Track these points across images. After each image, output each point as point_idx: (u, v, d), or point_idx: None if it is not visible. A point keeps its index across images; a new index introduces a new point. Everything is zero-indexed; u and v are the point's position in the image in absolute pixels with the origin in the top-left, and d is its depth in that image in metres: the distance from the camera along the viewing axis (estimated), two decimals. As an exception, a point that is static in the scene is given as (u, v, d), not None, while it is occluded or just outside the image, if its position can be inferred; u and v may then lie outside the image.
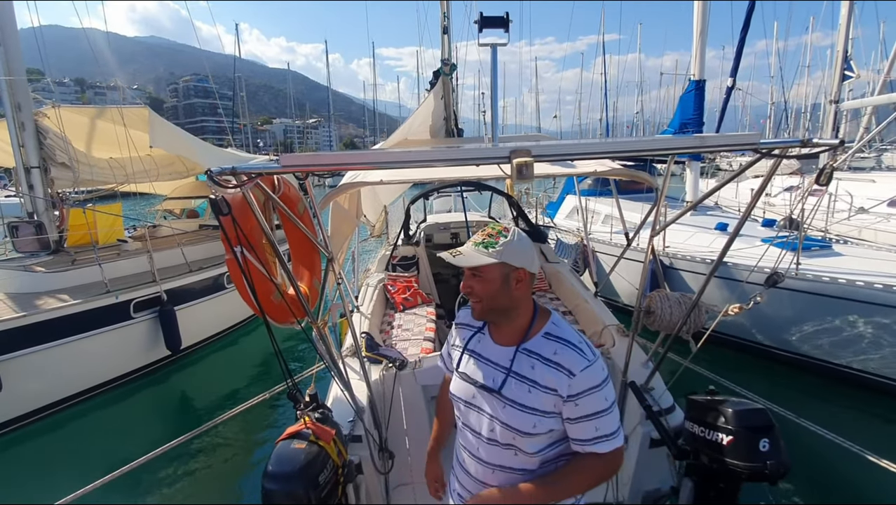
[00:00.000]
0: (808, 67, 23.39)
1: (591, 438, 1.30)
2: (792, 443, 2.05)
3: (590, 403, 1.29)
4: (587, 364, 1.31)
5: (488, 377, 1.41)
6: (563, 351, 1.34)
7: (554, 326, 1.40)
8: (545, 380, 1.32)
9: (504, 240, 1.37)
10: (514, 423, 1.33)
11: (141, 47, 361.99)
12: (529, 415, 1.32)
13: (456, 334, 1.61)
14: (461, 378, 1.49)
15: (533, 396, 1.33)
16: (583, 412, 1.30)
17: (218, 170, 1.43)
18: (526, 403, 1.33)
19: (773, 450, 1.85)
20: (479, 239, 1.40)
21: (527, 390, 1.34)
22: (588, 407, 1.30)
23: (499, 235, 1.39)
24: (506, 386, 1.36)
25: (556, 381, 1.31)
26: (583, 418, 1.30)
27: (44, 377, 5.15)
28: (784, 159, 1.66)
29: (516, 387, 1.35)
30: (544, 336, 1.38)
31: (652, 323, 2.64)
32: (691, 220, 7.08)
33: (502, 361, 1.40)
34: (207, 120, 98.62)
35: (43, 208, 6.65)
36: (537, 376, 1.34)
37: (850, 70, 8.34)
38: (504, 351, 1.42)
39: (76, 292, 5.69)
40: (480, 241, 1.39)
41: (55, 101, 7.13)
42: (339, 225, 3.22)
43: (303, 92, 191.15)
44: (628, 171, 3.36)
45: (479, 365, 1.45)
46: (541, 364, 1.34)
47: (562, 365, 1.31)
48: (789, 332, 5.37)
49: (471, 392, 1.45)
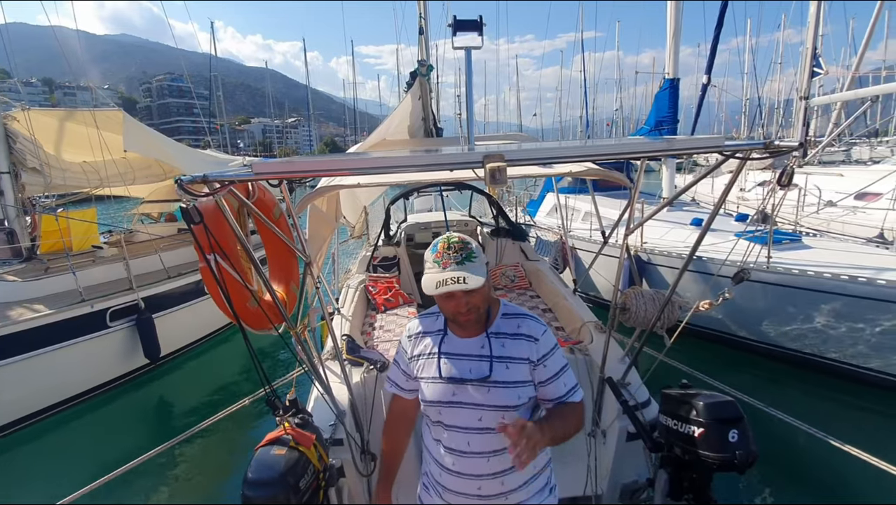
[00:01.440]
0: (780, 64, 24.06)
1: (564, 394, 1.49)
2: (761, 431, 2.12)
3: (554, 362, 1.49)
4: (544, 329, 1.52)
5: (468, 370, 1.48)
6: (525, 322, 1.52)
7: (507, 306, 1.58)
8: (517, 352, 1.48)
9: (473, 247, 1.44)
10: (501, 401, 1.44)
11: (112, 46, 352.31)
12: (513, 389, 1.45)
13: (415, 345, 1.60)
14: (437, 382, 1.51)
15: (511, 371, 1.46)
16: (551, 372, 1.48)
17: (189, 178, 1.41)
18: (508, 379, 1.46)
19: (741, 440, 1.91)
20: (458, 257, 1.39)
21: (505, 367, 1.46)
22: (554, 366, 1.49)
23: (466, 245, 1.43)
24: (494, 371, 1.46)
25: (526, 350, 1.48)
26: (553, 378, 1.49)
27: (17, 390, 5.01)
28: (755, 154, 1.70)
29: (497, 368, 1.46)
30: (503, 317, 1.54)
31: (627, 319, 2.70)
32: (668, 215, 7.23)
33: (475, 350, 1.49)
34: (183, 120, 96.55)
35: (14, 215, 6.47)
36: (510, 351, 1.48)
37: (819, 67, 8.59)
38: (473, 342, 1.50)
39: (50, 302, 5.55)
40: (462, 259, 1.39)
41: (24, 103, 6.92)
42: (317, 228, 3.21)
43: (281, 91, 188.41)
44: (603, 171, 3.42)
45: (455, 363, 1.50)
46: (510, 340, 1.49)
47: (528, 335, 1.49)
48: (762, 323, 5.54)
49: (450, 391, 1.48)
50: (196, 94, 36.55)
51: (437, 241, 1.47)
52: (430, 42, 6.71)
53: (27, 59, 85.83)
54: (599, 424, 2.76)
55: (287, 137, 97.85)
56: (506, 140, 3.95)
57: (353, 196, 5.16)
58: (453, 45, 2.37)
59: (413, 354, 1.59)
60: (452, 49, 2.12)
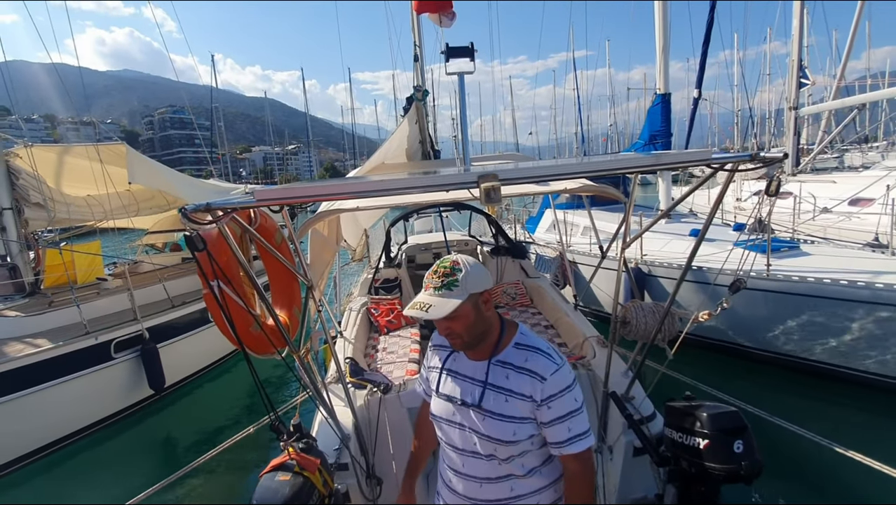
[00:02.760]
0: (768, 76, 24.48)
1: (566, 440, 1.38)
2: (767, 441, 2.12)
3: (561, 405, 1.38)
4: (556, 368, 1.40)
5: (466, 393, 1.47)
6: (534, 358, 1.42)
7: (522, 336, 1.49)
8: (519, 387, 1.40)
9: (462, 274, 1.39)
10: (494, 433, 1.39)
11: (113, 81, 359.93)
12: (508, 423, 1.39)
13: (432, 356, 1.64)
14: (441, 398, 1.53)
15: (510, 405, 1.40)
16: (555, 414, 1.38)
17: (192, 207, 1.47)
18: (504, 413, 1.39)
19: (746, 451, 1.90)
20: (438, 283, 1.38)
21: (504, 400, 1.40)
22: (560, 409, 1.38)
23: (454, 272, 1.39)
24: (484, 399, 1.42)
25: (529, 387, 1.39)
26: (556, 421, 1.38)
27: (20, 425, 4.98)
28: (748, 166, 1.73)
29: (494, 398, 1.42)
30: (515, 346, 1.46)
31: (628, 333, 2.71)
32: (667, 227, 7.27)
33: (477, 375, 1.46)
34: (185, 151, 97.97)
35: (17, 250, 6.54)
36: (512, 385, 1.41)
37: (805, 78, 8.78)
38: (478, 365, 1.48)
39: (54, 335, 5.56)
40: (440, 286, 1.37)
41: (26, 139, 7.06)
42: (319, 252, 3.25)
43: (281, 119, 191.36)
44: (598, 187, 3.47)
45: (456, 382, 1.50)
46: (514, 373, 1.42)
47: (533, 371, 1.40)
48: (764, 331, 5.53)
49: (450, 410, 1.49)
50: (198, 125, 37.13)
51: (441, 260, 1.47)
52: (426, 66, 6.88)
53: (29, 96, 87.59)
54: (605, 440, 2.74)
55: (288, 164, 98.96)
56: (501, 160, 4.03)
57: (354, 219, 5.22)
58: (447, 71, 2.46)
59: (429, 365, 1.64)
60: (446, 74, 2.20)
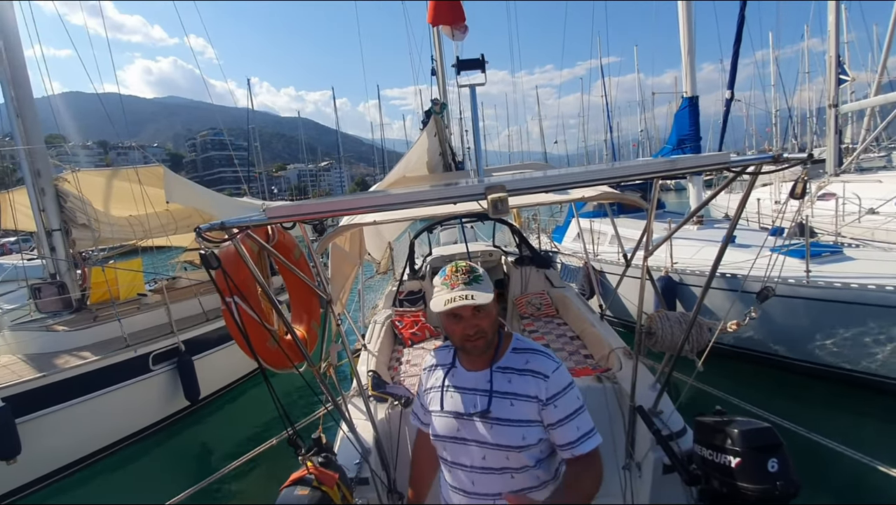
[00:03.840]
0: (807, 74, 23.42)
1: (576, 439, 1.38)
2: (805, 459, 1.98)
3: (566, 403, 1.40)
4: (556, 365, 1.44)
5: (471, 404, 1.45)
6: (534, 358, 1.45)
7: (519, 341, 1.52)
8: (524, 389, 1.41)
9: (481, 271, 1.45)
10: (504, 440, 1.39)
11: (159, 107, 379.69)
12: (516, 428, 1.39)
13: (428, 378, 1.62)
14: (443, 416, 1.50)
15: (516, 409, 1.40)
16: (562, 413, 1.39)
17: (207, 226, 1.52)
18: (511, 417, 1.39)
19: (781, 469, 1.79)
20: (466, 279, 1.41)
21: (509, 404, 1.41)
22: (566, 407, 1.39)
23: (474, 270, 1.44)
24: (492, 405, 1.41)
25: (533, 387, 1.40)
26: (564, 420, 1.39)
27: (65, 436, 5.22)
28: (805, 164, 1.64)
29: (500, 404, 1.41)
30: (513, 351, 1.49)
31: (654, 344, 2.61)
32: (699, 234, 7.01)
33: (480, 384, 1.46)
34: (224, 171, 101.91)
35: (65, 269, 6.92)
36: (516, 388, 1.42)
37: (844, 74, 8.38)
38: (479, 375, 1.48)
39: (97, 348, 5.84)
40: (469, 280, 1.41)
41: (72, 165, 7.50)
42: (340, 266, 3.29)
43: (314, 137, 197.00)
44: (618, 195, 3.39)
45: (459, 396, 1.49)
46: (516, 376, 1.44)
47: (535, 371, 1.42)
48: (804, 341, 5.23)
49: (455, 426, 1.47)
50: (236, 146, 38.58)
51: (445, 267, 1.49)
52: (448, 79, 6.95)
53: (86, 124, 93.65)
54: (633, 456, 2.64)
55: (321, 180, 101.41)
56: (521, 169, 4.00)
57: (378, 233, 5.28)
58: (458, 84, 2.47)
59: (426, 387, 1.61)
60: (457, 87, 2.20)
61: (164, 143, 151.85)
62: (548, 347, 1.52)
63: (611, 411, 2.80)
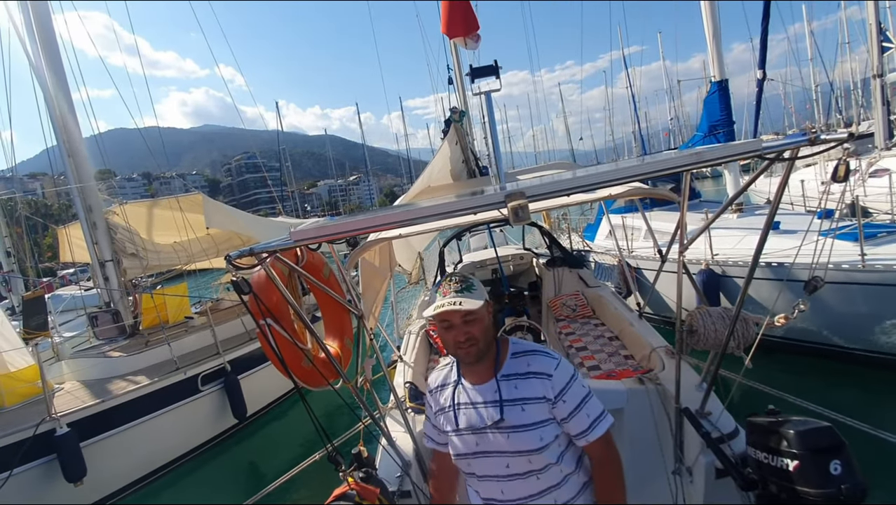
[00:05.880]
0: (848, 44, 22.06)
1: (589, 427, 1.42)
2: (872, 458, 1.84)
3: (573, 395, 1.43)
4: (557, 362, 1.46)
5: (483, 417, 1.47)
6: (534, 359, 1.47)
7: (515, 345, 1.54)
8: (531, 392, 1.43)
9: (474, 280, 1.51)
10: (522, 445, 1.41)
11: (196, 136, 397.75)
12: (532, 431, 1.41)
13: (435, 401, 1.62)
14: (460, 434, 1.51)
15: (527, 413, 1.42)
16: (572, 406, 1.42)
17: (237, 253, 1.57)
18: (525, 422, 1.41)
19: (846, 472, 1.66)
20: (458, 287, 1.46)
21: (520, 409, 1.42)
22: (573, 399, 1.43)
23: (466, 280, 1.50)
24: (504, 414, 1.43)
25: (540, 388, 1.43)
26: (574, 412, 1.43)
27: (125, 457, 5.49)
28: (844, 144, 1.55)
29: (512, 411, 1.43)
30: (512, 357, 1.51)
31: (696, 343, 2.49)
32: (739, 222, 6.70)
33: (488, 396, 1.47)
34: (259, 192, 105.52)
35: (118, 297, 7.32)
36: (523, 392, 1.44)
37: (888, 42, 7.86)
38: (485, 387, 1.49)
39: (150, 372, 6.13)
40: (461, 289, 1.46)
41: (120, 198, 7.96)
42: (370, 281, 3.33)
43: (341, 152, 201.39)
44: (648, 189, 3.29)
45: (471, 413, 1.50)
46: (521, 380, 1.46)
47: (538, 372, 1.45)
48: (863, 329, 4.90)
49: (473, 441, 1.48)
50: (268, 167, 39.90)
51: (440, 279, 1.55)
52: (466, 87, 6.96)
53: (130, 157, 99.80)
54: (683, 461, 2.52)
55: (351, 194, 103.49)
56: (545, 171, 3.94)
57: (407, 244, 5.32)
58: (472, 92, 2.47)
59: (436, 409, 1.62)
60: (473, 95, 2.20)
61: (203, 170, 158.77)
62: (543, 346, 1.56)
63: (655, 414, 2.69)
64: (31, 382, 5.57)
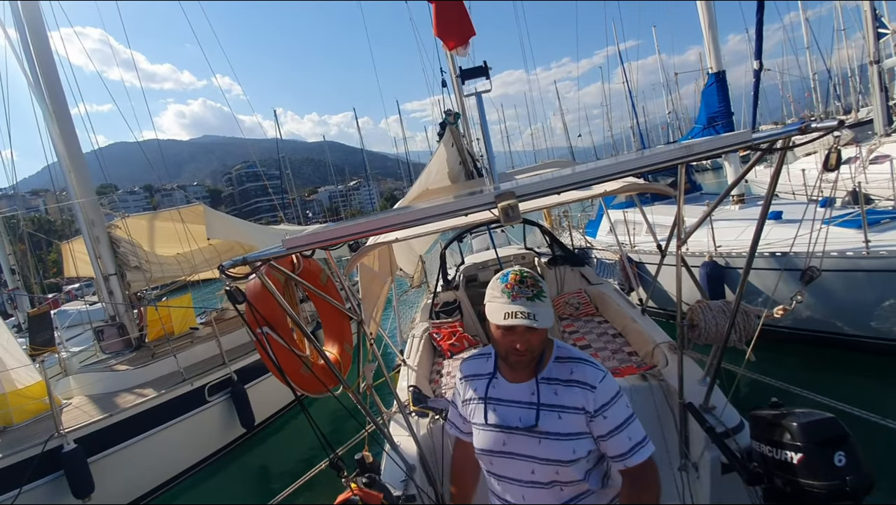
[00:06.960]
0: (843, 31, 21.87)
1: (629, 450, 1.32)
2: (879, 449, 1.82)
3: (615, 413, 1.33)
4: (603, 374, 1.37)
5: (517, 418, 1.40)
6: (579, 368, 1.39)
7: (560, 349, 1.46)
8: (571, 401, 1.36)
9: (544, 287, 1.38)
10: (553, 455, 1.34)
11: (195, 147, 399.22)
12: (566, 441, 1.34)
13: (466, 389, 1.56)
14: (488, 430, 1.45)
15: (564, 422, 1.35)
16: (613, 424, 1.33)
17: (230, 263, 1.57)
18: (560, 431, 1.34)
19: (850, 463, 1.65)
20: (530, 293, 1.34)
21: (557, 417, 1.35)
22: (615, 418, 1.33)
23: (538, 282, 1.38)
24: (540, 419, 1.36)
25: (581, 398, 1.35)
26: (615, 431, 1.33)
27: (133, 471, 5.49)
28: (834, 132, 1.54)
29: (548, 417, 1.36)
30: (556, 361, 1.43)
31: (697, 337, 2.48)
32: (741, 213, 6.67)
33: (525, 397, 1.41)
34: (260, 200, 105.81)
35: (123, 311, 7.35)
36: (563, 400, 1.37)
37: (883, 27, 7.82)
38: (523, 387, 1.42)
39: (157, 384, 6.14)
40: (533, 295, 1.34)
41: (122, 212, 8.02)
42: (369, 285, 3.33)
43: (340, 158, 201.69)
44: (644, 185, 3.28)
45: (503, 410, 1.43)
46: (562, 387, 1.38)
47: (582, 381, 1.36)
48: (868, 316, 4.86)
49: (500, 440, 1.42)
50: (269, 175, 39.97)
51: (508, 271, 1.41)
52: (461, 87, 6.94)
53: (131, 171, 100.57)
54: (689, 456, 2.51)
55: (351, 199, 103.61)
56: (542, 169, 3.94)
57: (408, 247, 5.32)
58: (464, 94, 2.47)
59: (465, 398, 1.56)
60: (465, 97, 2.20)
61: (203, 181, 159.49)
62: (588, 352, 1.47)
63: (660, 411, 2.68)
64: (39, 399, 5.59)
